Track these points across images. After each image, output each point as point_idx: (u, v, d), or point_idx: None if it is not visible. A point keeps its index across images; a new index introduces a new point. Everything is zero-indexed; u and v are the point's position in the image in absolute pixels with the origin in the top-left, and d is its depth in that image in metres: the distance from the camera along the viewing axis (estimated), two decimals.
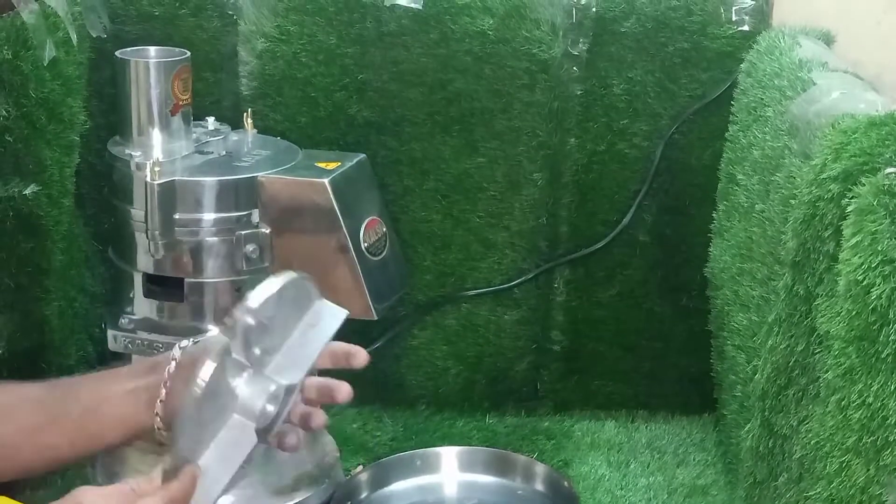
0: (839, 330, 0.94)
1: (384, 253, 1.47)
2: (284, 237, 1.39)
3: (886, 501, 0.88)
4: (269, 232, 1.39)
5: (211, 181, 1.36)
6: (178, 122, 1.40)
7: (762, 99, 1.39)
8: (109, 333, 1.41)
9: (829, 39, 1.50)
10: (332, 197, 1.38)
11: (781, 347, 1.14)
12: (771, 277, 1.24)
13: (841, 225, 0.98)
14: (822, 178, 1.04)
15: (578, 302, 1.68)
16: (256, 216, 1.38)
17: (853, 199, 0.96)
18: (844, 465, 0.93)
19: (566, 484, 1.47)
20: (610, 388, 1.72)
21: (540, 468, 1.52)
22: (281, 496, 1.40)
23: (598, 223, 1.64)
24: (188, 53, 1.42)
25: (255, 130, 1.50)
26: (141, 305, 1.41)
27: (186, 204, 1.35)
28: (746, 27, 1.54)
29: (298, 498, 1.41)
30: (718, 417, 1.59)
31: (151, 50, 1.42)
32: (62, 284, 1.46)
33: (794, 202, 1.14)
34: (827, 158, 1.04)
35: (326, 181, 1.38)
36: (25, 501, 1.02)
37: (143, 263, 1.39)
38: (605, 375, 1.72)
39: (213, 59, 1.57)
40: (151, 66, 1.37)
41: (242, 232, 1.37)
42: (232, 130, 1.50)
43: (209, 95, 1.57)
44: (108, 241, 1.49)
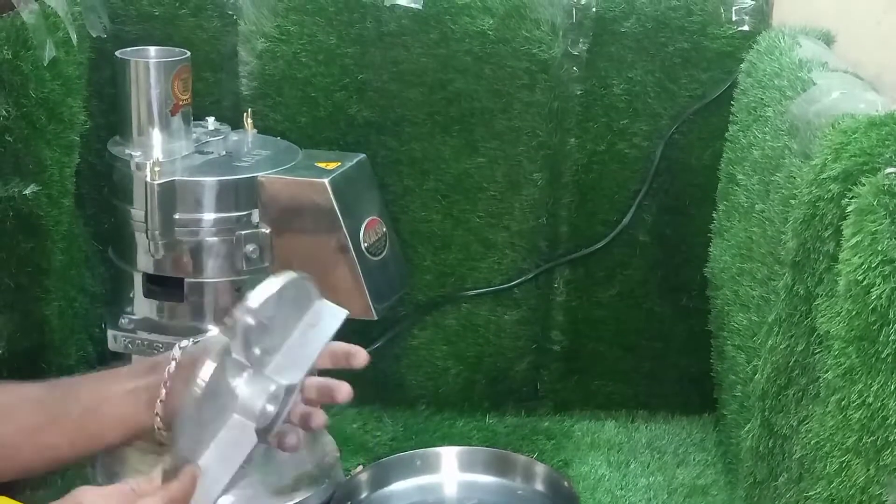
0: (839, 330, 0.94)
1: (384, 253, 1.47)
2: (284, 237, 1.39)
3: (886, 502, 0.88)
4: (269, 232, 1.39)
5: (211, 181, 1.36)
6: (178, 122, 1.40)
7: (762, 99, 1.39)
8: (109, 333, 1.41)
9: (829, 39, 1.50)
10: (332, 197, 1.38)
11: (781, 347, 1.14)
12: (771, 277, 1.24)
13: (841, 225, 0.98)
14: (822, 178, 1.04)
15: (578, 302, 1.68)
16: (256, 216, 1.38)
17: (853, 199, 0.96)
18: (844, 465, 0.93)
19: (566, 484, 1.47)
20: (610, 388, 1.72)
21: (540, 468, 1.52)
22: (281, 496, 1.40)
23: (598, 223, 1.64)
24: (188, 53, 1.42)
25: (255, 130, 1.50)
26: (141, 305, 1.41)
27: (186, 204, 1.35)
28: (746, 27, 1.54)
29: (298, 498, 1.41)
30: (718, 417, 1.59)
31: (151, 50, 1.42)
32: (62, 284, 1.46)
33: (794, 202, 1.14)
34: (827, 158, 1.04)
35: (326, 181, 1.38)
36: (25, 501, 1.02)
37: (143, 263, 1.39)
38: (605, 375, 1.72)
39: (213, 59, 1.57)
40: (151, 66, 1.37)
41: (242, 232, 1.37)
42: (232, 130, 1.50)
43: (209, 95, 1.57)
44: (108, 241, 1.49)
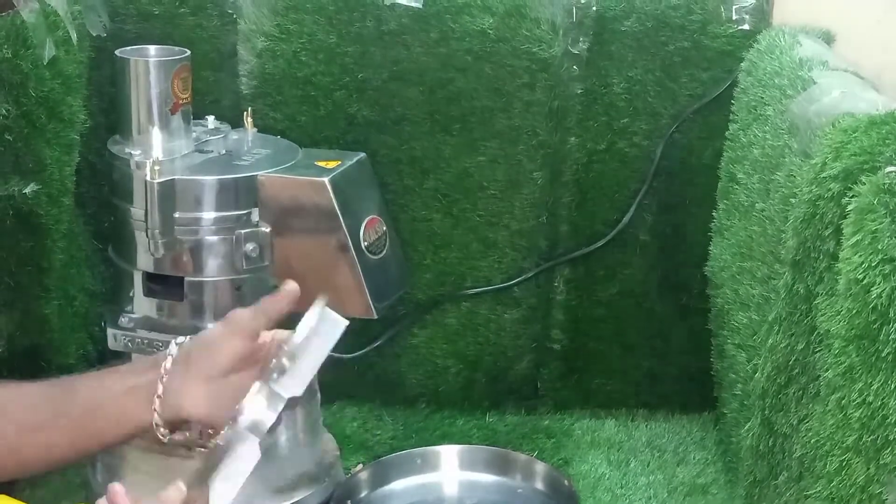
0: (839, 329, 0.94)
1: (384, 252, 1.47)
2: (284, 236, 1.39)
3: (887, 500, 0.88)
4: (268, 231, 1.38)
5: (211, 180, 1.36)
6: (177, 120, 1.40)
7: (762, 98, 1.39)
8: (109, 332, 1.41)
9: (829, 38, 1.51)
10: (332, 196, 1.38)
11: (782, 346, 1.14)
12: (771, 276, 1.24)
13: (841, 224, 0.98)
14: (822, 176, 1.04)
15: (578, 301, 1.68)
16: (256, 215, 1.38)
17: (853, 197, 0.96)
18: (844, 463, 0.93)
19: (566, 482, 1.47)
20: (610, 386, 1.72)
21: (540, 467, 1.52)
22: (281, 495, 1.40)
23: (598, 222, 1.64)
24: (188, 52, 1.42)
25: (254, 129, 1.50)
26: (141, 304, 1.41)
27: (186, 203, 1.34)
28: (747, 26, 1.54)
29: (298, 496, 1.41)
30: (718, 416, 1.59)
31: (151, 49, 1.42)
32: (62, 283, 1.46)
33: (794, 201, 1.14)
34: (827, 157, 1.04)
35: (326, 180, 1.38)
36: (25, 500, 1.03)
37: (143, 262, 1.39)
38: (605, 374, 1.72)
39: (212, 57, 1.57)
40: (151, 64, 1.37)
41: (242, 231, 1.37)
42: (232, 129, 1.50)
43: (209, 94, 1.57)
44: (108, 239, 1.49)
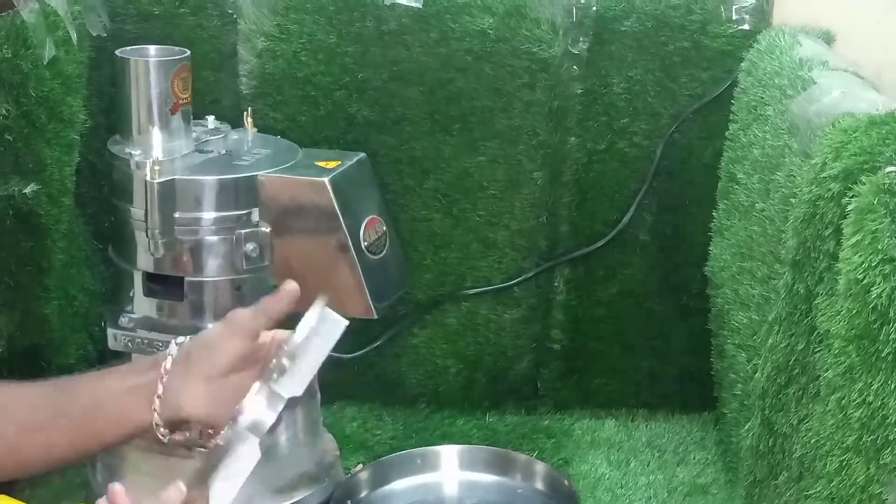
0: (839, 329, 0.94)
1: (384, 252, 1.47)
2: (284, 236, 1.39)
3: (887, 500, 0.88)
4: (268, 231, 1.38)
5: (211, 180, 1.36)
6: (177, 120, 1.40)
7: (762, 98, 1.39)
8: (109, 332, 1.41)
9: (829, 38, 1.50)
10: (332, 196, 1.37)
11: (781, 346, 1.14)
12: (771, 276, 1.24)
13: (841, 224, 0.98)
14: (822, 176, 1.04)
15: (578, 301, 1.68)
16: (256, 215, 1.38)
17: (853, 197, 0.96)
18: (844, 463, 0.93)
19: (566, 482, 1.47)
20: (610, 386, 1.72)
21: (540, 467, 1.52)
22: (281, 495, 1.40)
23: (598, 222, 1.64)
24: (188, 52, 1.42)
25: (255, 129, 1.50)
26: (141, 304, 1.41)
27: (186, 203, 1.34)
28: (747, 26, 1.54)
29: (298, 496, 1.41)
30: (718, 416, 1.59)
31: (151, 49, 1.42)
32: (62, 283, 1.45)
33: (794, 201, 1.14)
34: (827, 157, 1.04)
35: (326, 180, 1.38)
36: (25, 500, 1.03)
37: (143, 262, 1.39)
38: (605, 374, 1.72)
39: (212, 57, 1.57)
40: (151, 64, 1.37)
41: (242, 231, 1.37)
42: (232, 129, 1.50)
43: (209, 94, 1.57)
44: (108, 239, 1.49)
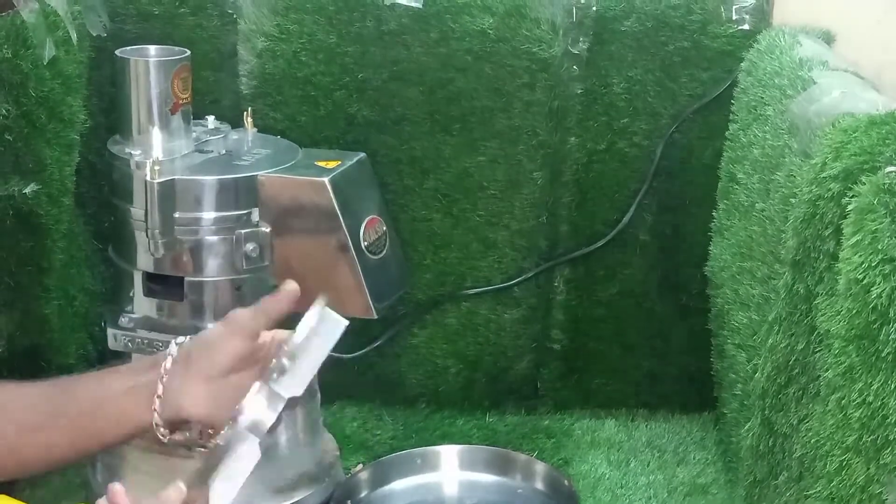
0: (839, 329, 0.94)
1: (384, 252, 1.46)
2: (284, 236, 1.39)
3: (887, 500, 0.88)
4: (268, 231, 1.38)
5: (211, 180, 1.36)
6: (177, 120, 1.40)
7: (762, 98, 1.38)
8: (109, 332, 1.41)
9: (829, 38, 1.50)
10: (331, 196, 1.37)
11: (781, 346, 1.14)
12: (771, 276, 1.24)
13: (841, 224, 0.98)
14: (822, 176, 1.04)
15: (578, 301, 1.68)
16: (256, 215, 1.38)
17: (853, 197, 0.96)
18: (844, 463, 0.93)
19: (566, 482, 1.47)
20: (610, 386, 1.72)
21: (540, 467, 1.52)
22: (281, 495, 1.40)
23: (598, 222, 1.64)
24: (188, 52, 1.42)
25: (254, 129, 1.50)
26: (141, 304, 1.41)
27: (186, 203, 1.34)
28: (747, 26, 1.54)
29: (298, 496, 1.41)
30: (718, 416, 1.59)
31: (151, 49, 1.42)
32: (62, 283, 1.45)
33: (794, 201, 1.14)
34: (827, 157, 1.04)
35: (326, 180, 1.38)
36: (25, 500, 1.03)
37: (143, 262, 1.39)
38: (605, 374, 1.72)
39: (212, 57, 1.57)
40: (151, 64, 1.37)
41: (242, 231, 1.37)
42: (232, 129, 1.50)
43: (209, 94, 1.57)
44: (108, 239, 1.49)
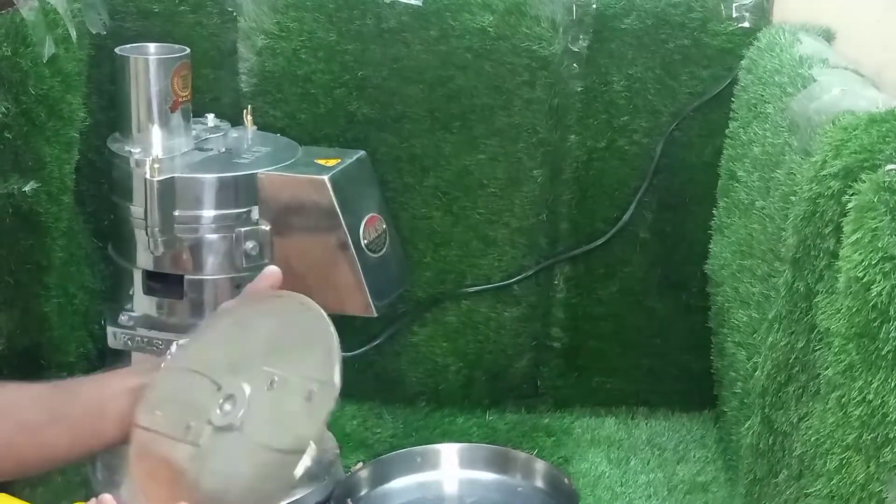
0: (839, 327, 0.94)
1: (384, 250, 1.47)
2: (284, 234, 1.39)
3: (887, 498, 0.88)
4: (268, 229, 1.38)
5: (210, 178, 1.36)
6: (177, 118, 1.40)
7: (762, 95, 1.38)
8: (109, 330, 1.41)
9: (829, 36, 1.50)
10: (331, 194, 1.37)
11: (782, 344, 1.14)
12: (771, 274, 1.24)
13: (841, 222, 0.98)
14: (822, 174, 1.04)
15: (578, 299, 1.68)
16: (256, 213, 1.38)
17: (853, 195, 0.96)
18: (844, 461, 0.93)
19: (566, 481, 1.47)
20: (610, 384, 1.72)
21: (540, 465, 1.52)
22: None
23: (598, 220, 1.64)
24: (188, 50, 1.42)
25: (254, 127, 1.50)
26: (141, 302, 1.41)
27: (186, 201, 1.34)
28: (747, 24, 1.54)
29: (298, 495, 1.41)
30: (718, 414, 1.59)
31: (151, 46, 1.42)
32: (62, 281, 1.45)
33: (794, 199, 1.14)
34: (827, 155, 1.04)
35: (326, 178, 1.38)
36: (25, 499, 1.03)
37: (142, 260, 1.39)
38: (605, 372, 1.72)
39: (212, 55, 1.57)
40: (151, 62, 1.37)
41: (242, 229, 1.37)
42: (232, 127, 1.50)
43: (209, 92, 1.57)
44: (107, 237, 1.49)
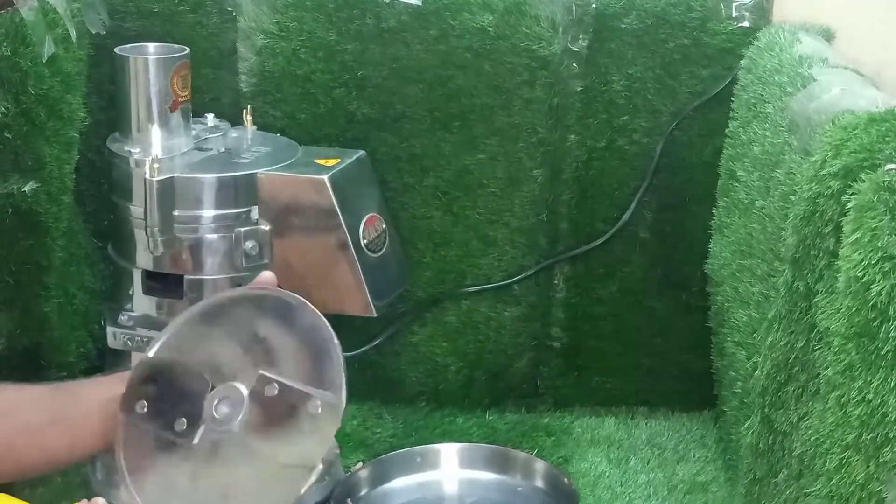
0: (839, 326, 0.94)
1: (384, 250, 1.47)
2: (284, 234, 1.39)
3: (886, 498, 0.88)
4: (268, 229, 1.39)
5: (210, 178, 1.36)
6: (177, 118, 1.40)
7: (762, 95, 1.38)
8: (109, 330, 1.41)
9: (829, 36, 1.50)
10: (331, 194, 1.37)
11: (781, 344, 1.14)
12: (771, 274, 1.24)
13: (841, 221, 0.98)
14: (822, 174, 1.04)
15: (578, 298, 1.68)
16: (256, 213, 1.38)
17: (853, 195, 0.96)
18: (844, 461, 0.93)
19: (566, 480, 1.47)
20: (610, 384, 1.72)
21: (540, 465, 1.52)
22: None
23: (598, 220, 1.64)
24: (187, 50, 1.42)
25: (254, 127, 1.50)
26: (140, 302, 1.41)
27: (186, 201, 1.34)
28: (746, 23, 1.54)
29: None
30: (718, 414, 1.59)
31: (151, 46, 1.42)
32: (62, 281, 1.45)
33: (794, 198, 1.14)
34: (827, 155, 1.04)
35: (326, 178, 1.38)
36: (25, 500, 1.03)
37: (142, 260, 1.39)
38: (605, 372, 1.72)
39: (212, 55, 1.57)
40: (151, 62, 1.37)
41: (242, 229, 1.37)
42: (231, 127, 1.50)
43: (208, 92, 1.57)
44: (107, 237, 1.49)
